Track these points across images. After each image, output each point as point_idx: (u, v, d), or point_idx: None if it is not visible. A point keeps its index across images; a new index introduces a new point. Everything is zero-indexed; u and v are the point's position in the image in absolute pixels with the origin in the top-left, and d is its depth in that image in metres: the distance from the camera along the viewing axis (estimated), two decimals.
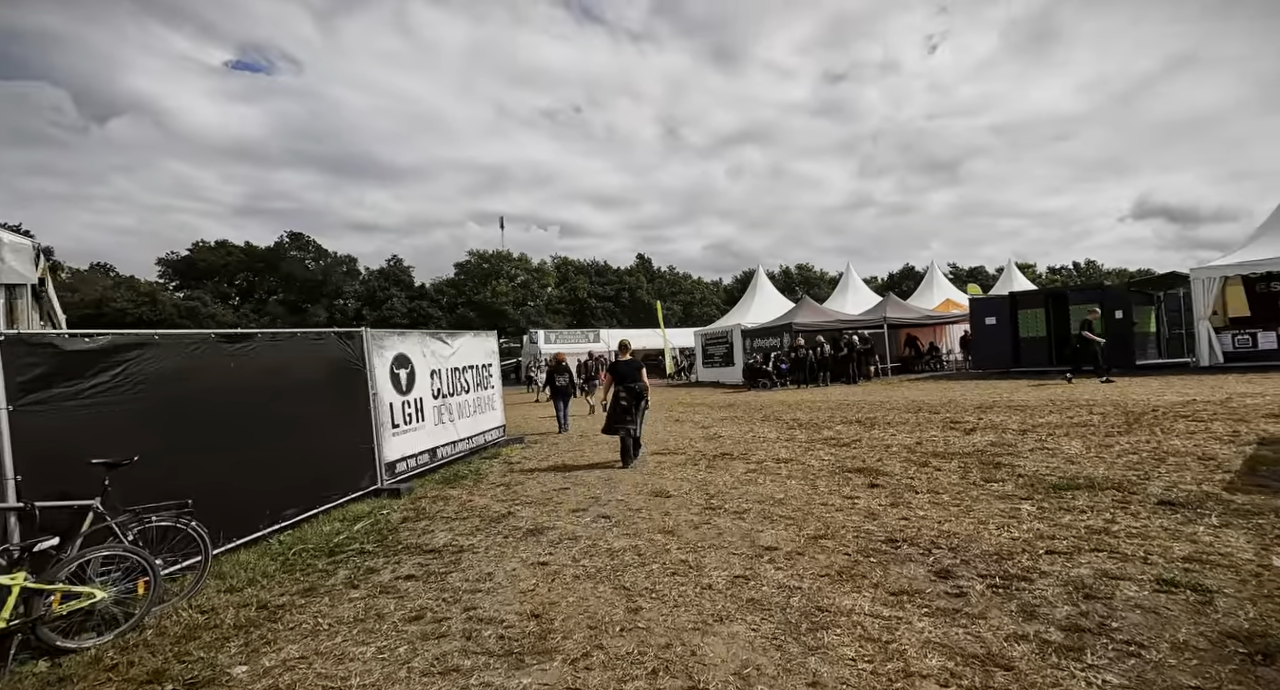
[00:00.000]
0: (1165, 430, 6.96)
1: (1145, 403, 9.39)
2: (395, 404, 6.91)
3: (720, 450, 7.92)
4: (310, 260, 62.75)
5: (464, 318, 53.77)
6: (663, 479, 6.43)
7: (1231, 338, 15.25)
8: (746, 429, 9.79)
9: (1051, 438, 7.05)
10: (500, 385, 9.70)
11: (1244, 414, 7.65)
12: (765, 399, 15.57)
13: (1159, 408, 8.73)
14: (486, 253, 58.93)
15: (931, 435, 7.86)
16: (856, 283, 29.87)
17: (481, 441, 8.91)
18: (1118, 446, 6.27)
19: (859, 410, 11.29)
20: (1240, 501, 4.14)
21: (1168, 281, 17.92)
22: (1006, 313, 18.76)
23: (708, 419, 11.72)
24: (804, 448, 7.63)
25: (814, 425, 9.64)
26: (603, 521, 4.98)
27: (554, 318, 60.05)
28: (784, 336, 21.73)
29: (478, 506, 5.80)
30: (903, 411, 10.60)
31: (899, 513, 4.58)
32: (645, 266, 66.31)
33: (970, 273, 74.40)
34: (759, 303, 27.27)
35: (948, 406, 10.84)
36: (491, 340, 9.58)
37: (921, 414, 10.05)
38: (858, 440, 7.88)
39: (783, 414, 11.58)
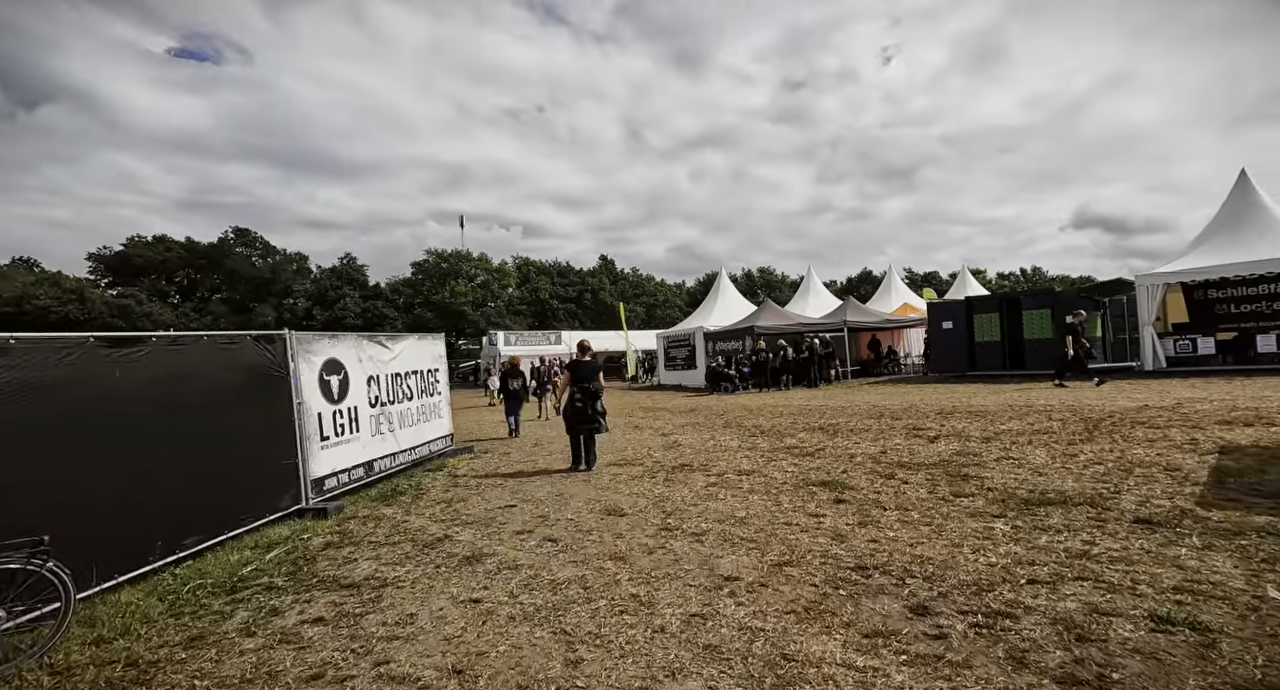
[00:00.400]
0: (1126, 438, 6.91)
1: (1101, 408, 9.45)
2: (325, 414, 6.28)
3: (680, 461, 7.54)
4: (258, 257, 60.00)
5: (421, 318, 52.17)
6: (617, 494, 5.99)
7: (1173, 343, 15.77)
8: (707, 437, 9.44)
9: (1016, 446, 6.91)
10: (448, 392, 9.10)
11: (1197, 420, 7.70)
12: (727, 403, 15.32)
13: (1115, 414, 8.76)
14: (445, 252, 57.37)
15: (895, 443, 7.65)
16: (817, 286, 30.11)
17: (426, 452, 8.31)
18: (1082, 456, 6.15)
19: (821, 416, 11.10)
20: (1216, 519, 3.97)
21: (1113, 288, 18.49)
22: (963, 317, 19.04)
23: (668, 426, 11.34)
24: (766, 458, 7.31)
25: (776, 432, 9.36)
26: (549, 546, 4.51)
27: (515, 319, 58.94)
28: (746, 339, 21.60)
29: (412, 528, 5.25)
30: (865, 417, 10.44)
31: (868, 533, 4.26)
32: (608, 268, 65.81)
33: (925, 278, 76.48)
34: (721, 305, 27.15)
35: (909, 412, 10.75)
36: (438, 344, 8.98)
37: (884, 420, 9.90)
38: (821, 449, 7.61)
39: (745, 420, 11.30)
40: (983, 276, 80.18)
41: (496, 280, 57.61)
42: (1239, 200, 15.95)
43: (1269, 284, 15.98)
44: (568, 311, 59.96)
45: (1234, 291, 16.49)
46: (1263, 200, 15.61)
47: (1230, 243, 15.50)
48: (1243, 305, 16.35)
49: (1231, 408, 8.57)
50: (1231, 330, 15.99)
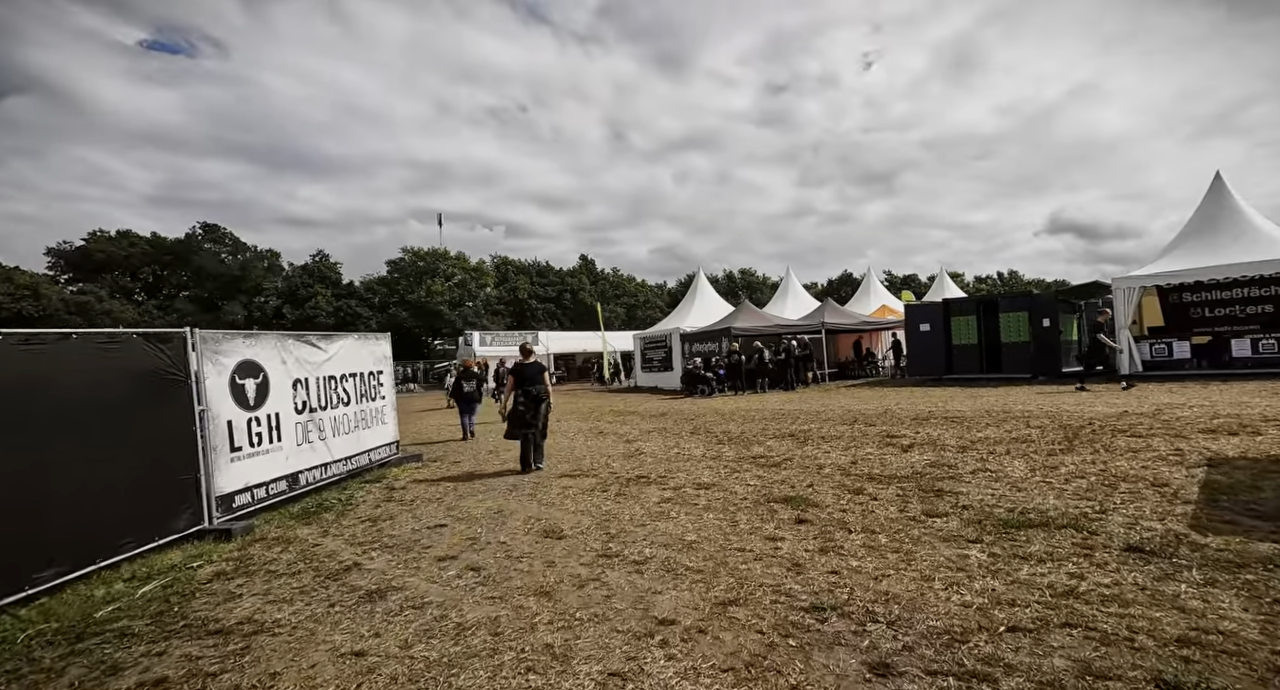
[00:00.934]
0: (1108, 448, 6.52)
1: (1079, 415, 9.11)
2: (237, 422, 5.63)
3: (637, 472, 6.99)
4: (227, 254, 58.32)
5: (396, 318, 51.06)
6: (562, 511, 5.44)
7: (1149, 347, 15.63)
8: (672, 444, 8.92)
9: (993, 457, 6.49)
10: (393, 396, 8.46)
11: (1179, 428, 7.36)
12: (700, 407, 14.83)
13: (1094, 421, 8.42)
14: (422, 250, 56.26)
15: (867, 453, 7.20)
16: (796, 288, 29.81)
17: (366, 461, 7.66)
18: (1063, 469, 5.73)
19: (794, 421, 10.64)
20: (1215, 546, 3.53)
21: (1089, 291, 18.37)
22: (940, 320, 18.79)
23: (634, 431, 10.80)
24: (730, 469, 6.80)
25: (745, 440, 8.87)
26: (469, 576, 3.94)
27: (493, 319, 58.02)
28: (723, 341, 21.16)
29: (322, 554, 4.64)
30: (838, 423, 10.01)
31: (829, 562, 3.76)
32: (588, 268, 65.14)
33: (904, 280, 77.05)
34: (699, 306, 26.69)
35: (884, 417, 10.34)
36: (383, 344, 8.33)
37: (857, 426, 9.47)
38: (789, 459, 7.12)
39: (714, 426, 10.80)
40: (961, 280, 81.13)
41: (474, 279, 56.65)
42: (1214, 203, 15.89)
43: (1242, 288, 15.94)
44: (547, 312, 59.17)
45: (1208, 295, 16.44)
46: (1237, 203, 15.55)
47: (1205, 246, 15.41)
48: (1217, 309, 16.31)
49: (1213, 415, 8.27)
50: (1206, 334, 15.92)
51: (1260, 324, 15.35)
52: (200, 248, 56.13)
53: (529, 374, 7.56)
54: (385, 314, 51.74)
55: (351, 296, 53.24)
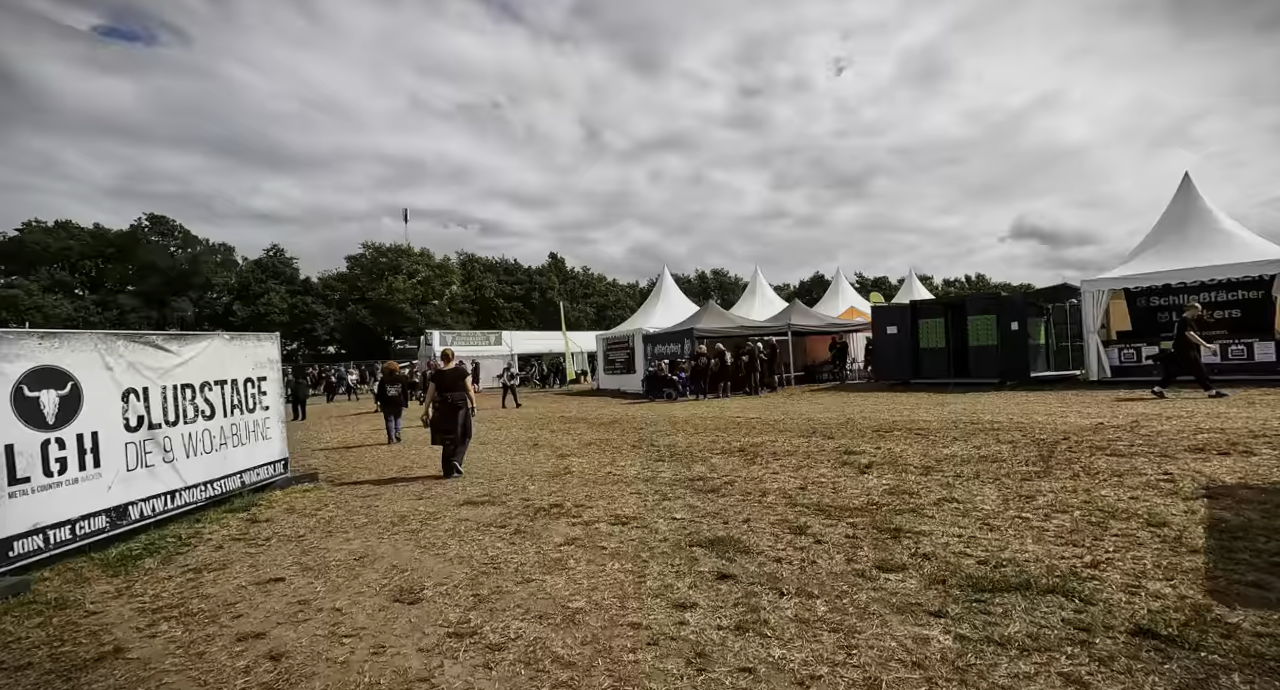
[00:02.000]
0: (1088, 470, 5.72)
1: (1052, 426, 8.38)
2: (25, 444, 4.43)
3: (553, 498, 5.96)
4: (176, 247, 55.55)
5: (355, 316, 49.17)
6: (439, 556, 4.37)
7: (1118, 352, 15.17)
8: (607, 460, 7.90)
9: (960, 481, 5.63)
10: (280, 406, 7.27)
11: (1163, 446, 6.62)
12: (656, 414, 13.85)
13: (1070, 434, 7.67)
14: (383, 246, 54.34)
15: (820, 475, 6.29)
16: (764, 288, 29.10)
17: (236, 485, 6.47)
18: (1041, 499, 4.88)
19: (748, 432, 9.73)
20: (1249, 627, 2.65)
21: (1058, 293, 17.93)
22: (908, 322, 18.16)
23: (572, 444, 9.76)
24: (660, 495, 5.81)
25: (689, 455, 7.91)
26: (261, 670, 2.87)
27: (458, 318, 56.37)
28: (685, 342, 20.26)
29: (89, 628, 3.50)
30: (794, 435, 9.12)
31: (743, 651, 2.78)
32: (558, 266, 63.85)
33: (875, 282, 77.46)
34: (664, 306, 25.77)
35: (844, 428, 9.49)
36: (265, 346, 7.13)
37: (814, 440, 8.59)
38: (730, 482, 6.17)
39: (662, 437, 9.83)
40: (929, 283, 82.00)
41: (438, 277, 54.92)
42: (1182, 205, 15.52)
43: (1209, 292, 15.59)
44: (514, 311, 57.73)
45: (1176, 299, 16.06)
46: (1205, 205, 15.19)
47: (1173, 248, 15.01)
48: (1185, 313, 15.93)
49: (1195, 429, 7.59)
50: (1173, 338, 15.52)
51: (1228, 329, 15.00)
52: (146, 240, 53.29)
53: (448, 380, 7.53)
54: (344, 311, 49.74)
55: (308, 293, 51.06)
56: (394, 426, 11.27)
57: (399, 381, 11.67)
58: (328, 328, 49.96)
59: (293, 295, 50.28)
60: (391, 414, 11.31)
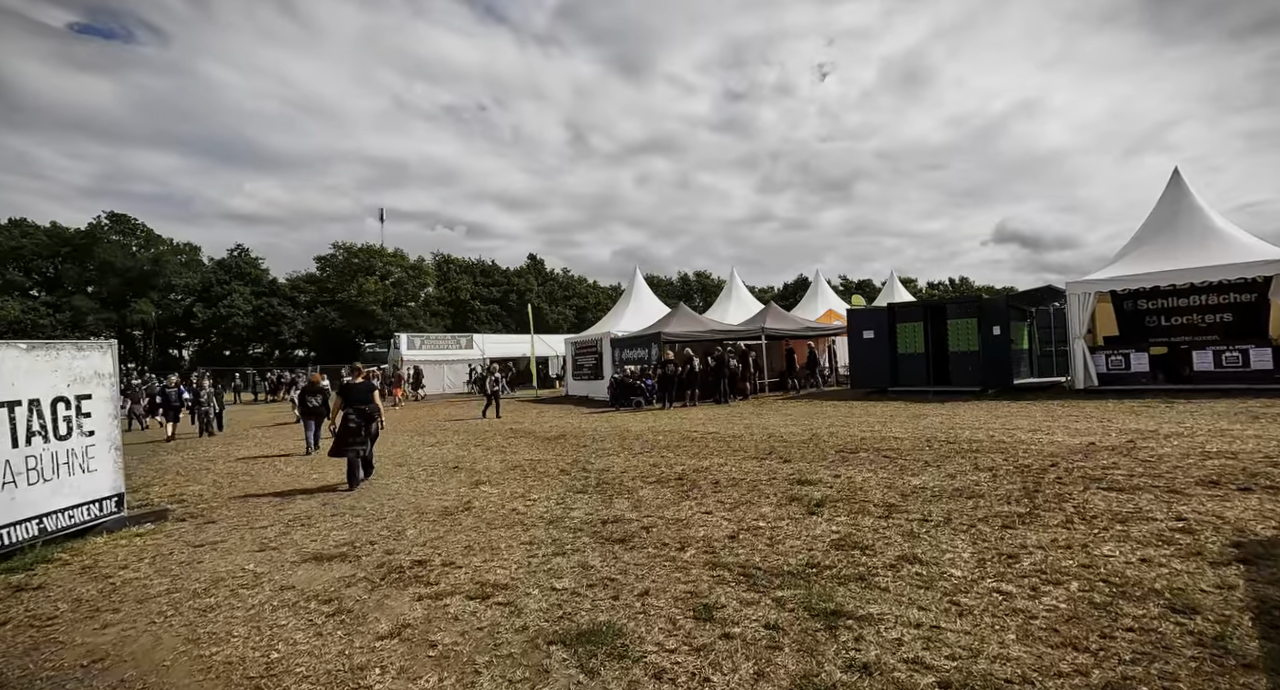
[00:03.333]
0: (1082, 513, 4.64)
1: (1038, 448, 7.33)
2: None
3: (421, 553, 4.75)
4: (138, 247, 53.44)
5: (323, 318, 47.42)
6: (197, 666, 3.16)
7: (1105, 358, 14.24)
8: (520, 492, 6.71)
9: (927, 528, 4.52)
10: (113, 430, 5.99)
11: (1168, 476, 5.57)
12: (613, 426, 12.68)
13: (1058, 459, 6.61)
14: (355, 246, 52.59)
15: (760, 516, 5.15)
16: (740, 291, 28.03)
17: (29, 534, 5.16)
18: (1027, 560, 3.77)
19: (698, 452, 8.60)
20: None
21: (1041, 296, 17.03)
22: (885, 326, 17.17)
23: (498, 467, 8.55)
24: (556, 548, 4.63)
25: (617, 486, 6.74)
26: None
27: (433, 320, 54.81)
28: (653, 347, 19.11)
29: None
30: (748, 456, 8.00)
31: None
32: (536, 268, 62.45)
33: (859, 285, 76.99)
34: (635, 309, 24.58)
35: (806, 448, 8.39)
36: (93, 357, 5.83)
37: (768, 464, 7.47)
38: (649, 528, 5.00)
39: (600, 458, 8.65)
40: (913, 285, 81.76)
41: (412, 278, 53.31)
42: (1172, 203, 14.66)
43: (1200, 295, 14.76)
44: (491, 313, 56.19)
45: (1165, 302, 15.22)
46: (1196, 203, 14.34)
47: (1162, 249, 14.14)
48: (1174, 317, 15.10)
49: (1201, 452, 6.57)
50: (1163, 344, 14.67)
51: (1221, 334, 14.15)
52: (105, 239, 51.16)
53: (356, 394, 7.66)
54: (312, 313, 47.96)
55: (274, 295, 49.16)
56: (313, 436, 11.34)
57: (320, 393, 11.49)
58: (295, 331, 48.13)
59: (258, 297, 48.36)
60: (311, 424, 11.36)
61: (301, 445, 11.50)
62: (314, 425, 11.35)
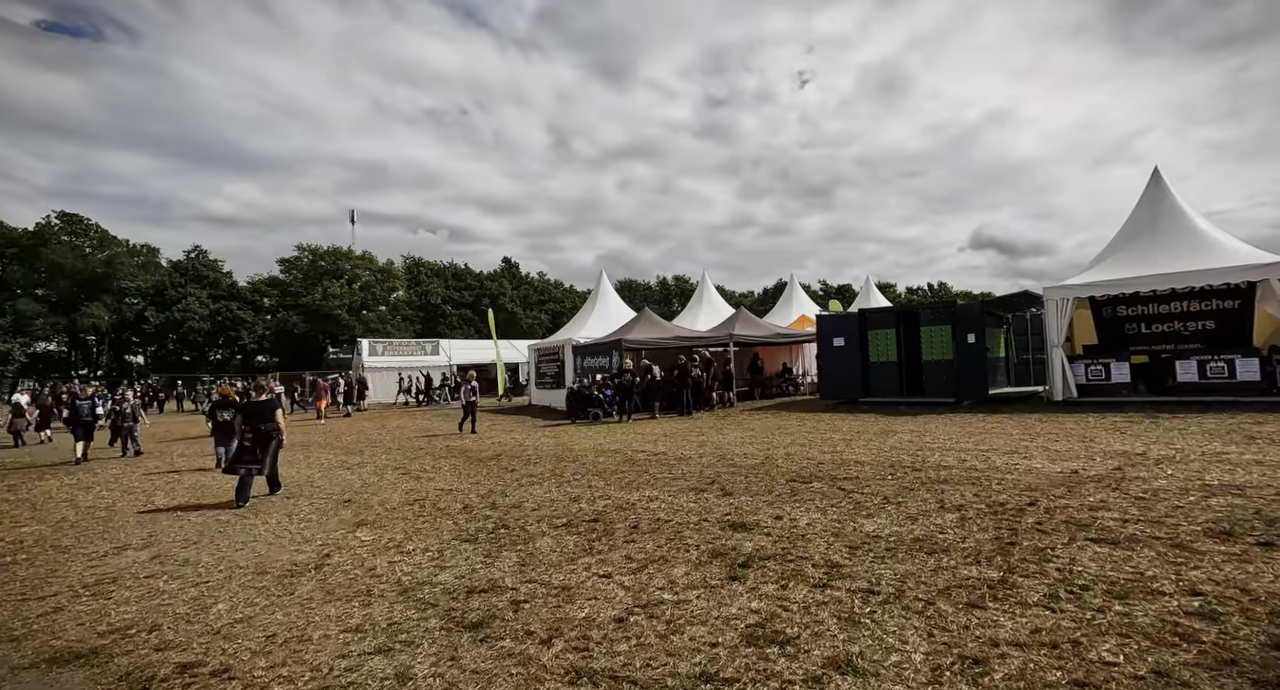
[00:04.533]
0: (1070, 579, 3.62)
1: (1015, 478, 6.35)
2: None
3: (205, 644, 3.59)
4: (90, 249, 51.15)
5: (284, 323, 45.54)
6: None
7: (1085, 368, 13.44)
8: (396, 542, 5.55)
9: (870, 605, 3.47)
10: None
11: (1169, 521, 4.60)
12: (555, 445, 11.54)
13: (1037, 494, 5.63)
14: (320, 248, 50.77)
15: (668, 583, 4.06)
16: (712, 296, 27.05)
17: None
18: (999, 669, 2.73)
19: (632, 481, 7.51)
20: None
21: (1018, 302, 16.26)
22: (856, 333, 16.27)
23: (396, 500, 7.37)
24: (381, 641, 3.48)
25: (516, 531, 5.61)
26: None
27: (403, 325, 53.17)
28: (613, 355, 18.02)
29: None
30: (686, 488, 6.92)
31: None
32: (511, 271, 61.06)
33: (839, 290, 76.75)
34: (600, 314, 23.48)
35: (754, 475, 7.34)
36: None
37: (706, 497, 6.40)
38: (521, 605, 3.88)
39: (518, 489, 7.52)
40: (892, 291, 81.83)
41: (380, 282, 51.63)
42: (1152, 204, 13.95)
43: (1182, 301, 14.04)
44: (462, 318, 54.65)
45: (1146, 309, 14.49)
46: (1178, 204, 13.63)
47: (1142, 252, 13.40)
48: (1155, 325, 14.36)
49: (1200, 483, 5.64)
50: (1144, 353, 13.94)
51: (1204, 342, 13.43)
52: (55, 240, 48.84)
53: (254, 412, 7.67)
54: (274, 318, 46.06)
55: (233, 298, 47.14)
56: (224, 451, 10.49)
57: (231, 407, 10.55)
58: (255, 336, 46.19)
59: (215, 300, 46.33)
60: (223, 440, 10.55)
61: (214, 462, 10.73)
62: (225, 441, 10.43)
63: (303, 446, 13.67)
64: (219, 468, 10.30)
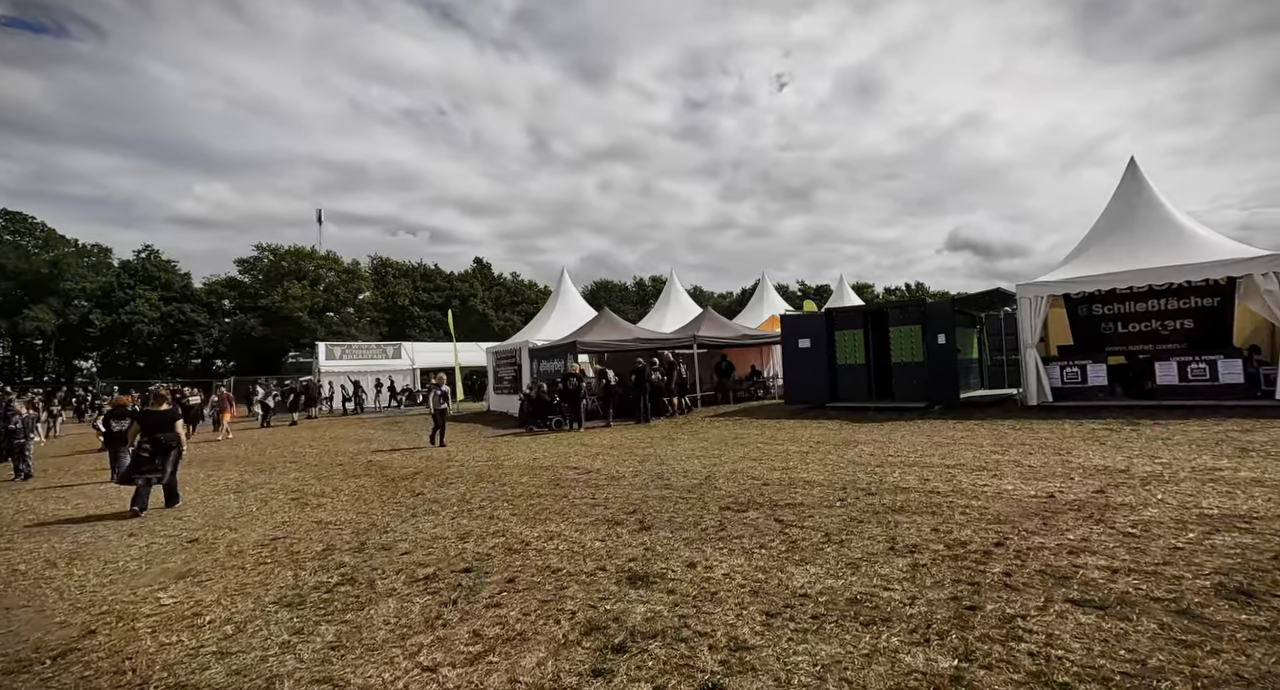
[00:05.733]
0: (1048, 679, 2.60)
1: (981, 506, 5.37)
2: None
3: None
4: (36, 248, 48.64)
5: (241, 326, 43.59)
6: None
7: (1060, 370, 12.62)
8: (213, 597, 4.38)
9: None
10: None
11: (1168, 570, 3.63)
12: (487, 459, 10.38)
13: (1007, 530, 4.64)
14: (282, 248, 48.81)
15: (509, 680, 2.97)
16: (680, 296, 26.01)
17: None
18: None
19: (542, 511, 6.41)
20: None
21: (990, 300, 15.44)
22: (823, 334, 15.33)
23: (257, 535, 6.17)
24: None
25: (361, 589, 4.48)
26: None
27: (369, 328, 51.41)
28: (567, 358, 16.90)
29: None
30: (599, 521, 5.84)
31: None
32: (483, 272, 59.52)
33: (817, 290, 76.35)
34: (561, 315, 22.29)
35: (686, 502, 6.28)
36: None
37: (618, 535, 5.31)
38: None
39: (404, 522, 6.37)
40: (870, 291, 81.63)
41: (344, 283, 49.83)
42: (1129, 196, 13.20)
43: (1160, 299, 13.30)
44: (432, 320, 52.97)
45: (1123, 307, 13.73)
46: (1155, 196, 12.90)
47: (1119, 247, 12.63)
48: (1132, 324, 13.60)
49: (1198, 512, 4.69)
50: (1121, 353, 13.18)
51: (1183, 342, 12.70)
52: None
53: (156, 421, 7.61)
54: (230, 320, 44.07)
55: (187, 300, 44.98)
56: (118, 465, 9.97)
57: (127, 416, 9.95)
58: (210, 340, 44.18)
59: (168, 302, 44.15)
60: (116, 452, 10.08)
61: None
62: (119, 452, 9.90)
63: (215, 462, 12.35)
64: (111, 479, 9.81)
